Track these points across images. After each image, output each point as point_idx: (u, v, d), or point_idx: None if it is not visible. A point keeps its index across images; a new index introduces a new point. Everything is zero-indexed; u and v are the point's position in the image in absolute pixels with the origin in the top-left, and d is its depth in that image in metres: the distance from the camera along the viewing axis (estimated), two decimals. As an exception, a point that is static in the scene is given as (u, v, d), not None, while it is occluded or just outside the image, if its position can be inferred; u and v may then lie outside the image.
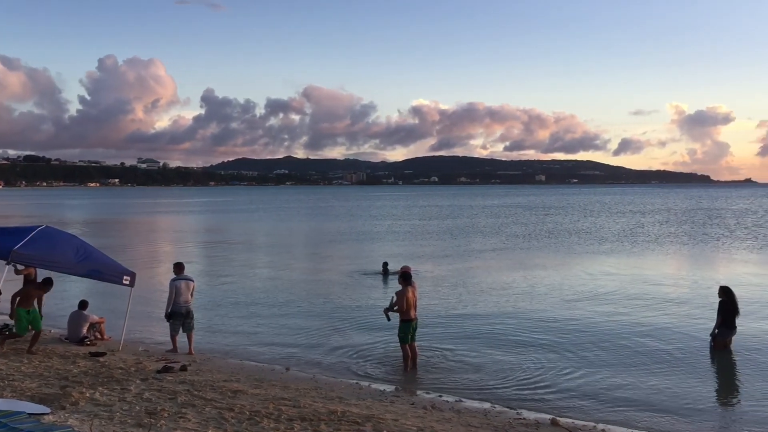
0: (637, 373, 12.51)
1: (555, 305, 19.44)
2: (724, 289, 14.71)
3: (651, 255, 34.20)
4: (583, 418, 10.22)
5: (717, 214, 75.44)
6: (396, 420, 9.11)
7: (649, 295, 21.31)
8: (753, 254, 34.66)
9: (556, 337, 15.31)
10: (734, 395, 11.65)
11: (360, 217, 75.95)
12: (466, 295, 21.51)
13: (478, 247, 38.32)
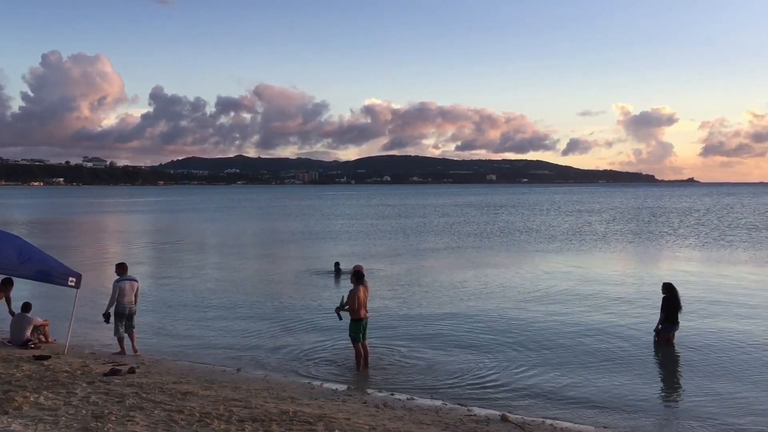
0: (585, 370, 12.73)
1: (506, 305, 19.69)
2: (667, 285, 15.14)
3: (598, 253, 34.96)
4: (532, 415, 10.39)
5: (661, 213, 77.54)
6: (348, 419, 9.13)
7: (597, 293, 21.79)
8: (695, 252, 35.74)
9: (507, 337, 15.49)
10: (677, 391, 11.95)
11: (312, 216, 75.67)
12: (419, 294, 21.64)
13: (431, 246, 38.58)
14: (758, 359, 13.37)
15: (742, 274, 26.50)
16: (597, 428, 9.79)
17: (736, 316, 17.78)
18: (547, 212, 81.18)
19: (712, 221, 61.36)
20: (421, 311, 18.71)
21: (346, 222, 63.91)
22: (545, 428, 9.64)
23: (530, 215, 74.06)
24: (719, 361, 13.25)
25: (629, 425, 9.94)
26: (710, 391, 11.49)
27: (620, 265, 30.56)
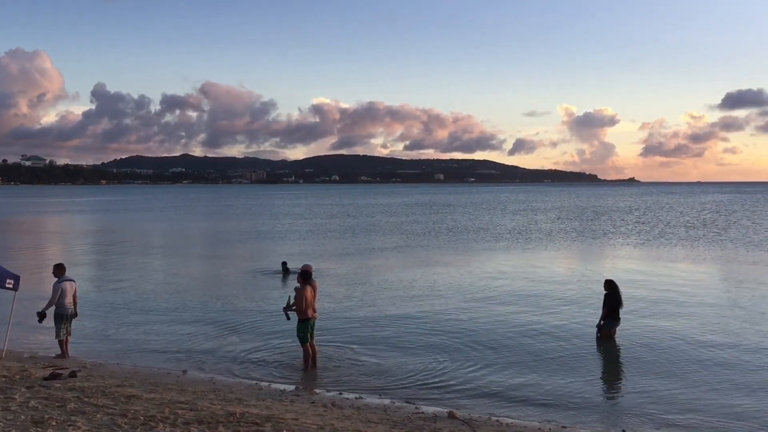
0: (531, 369, 12.89)
1: (454, 305, 19.86)
2: (609, 282, 15.54)
3: (544, 251, 35.62)
4: (479, 412, 10.54)
5: (604, 212, 79.45)
6: (296, 419, 9.10)
7: (542, 292, 22.22)
8: (636, 250, 36.75)
9: (455, 337, 15.62)
10: (619, 388, 12.16)
11: (260, 216, 74.99)
12: (368, 294, 21.69)
13: (380, 245, 38.68)
14: (696, 356, 13.79)
15: (680, 272, 27.36)
16: (541, 423, 9.98)
17: (675, 313, 18.35)
18: (494, 211, 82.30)
19: (651, 220, 63.19)
20: (370, 311, 18.75)
21: (294, 221, 63.55)
22: (491, 424, 9.79)
23: (478, 214, 74.96)
24: (659, 359, 13.63)
25: (572, 421, 10.15)
26: (650, 387, 11.82)
27: (565, 263, 31.21)
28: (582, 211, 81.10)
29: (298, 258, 28.60)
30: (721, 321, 16.99)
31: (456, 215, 73.24)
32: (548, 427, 9.77)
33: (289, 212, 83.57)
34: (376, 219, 66.94)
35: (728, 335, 15.44)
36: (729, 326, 16.36)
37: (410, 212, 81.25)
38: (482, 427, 9.58)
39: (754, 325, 16.64)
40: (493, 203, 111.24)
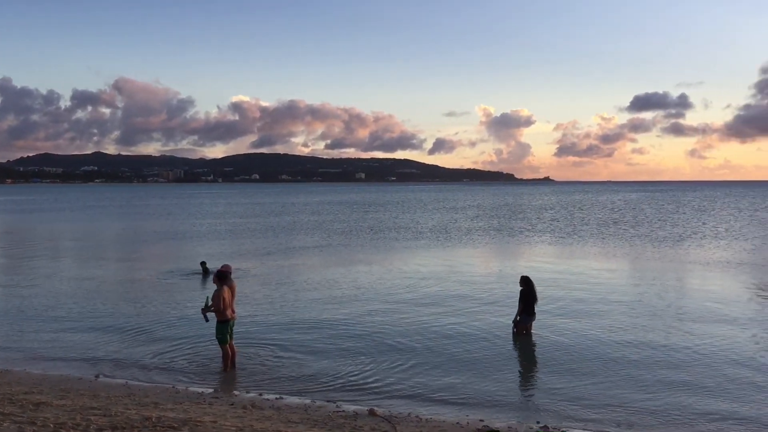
0: (450, 367, 13.01)
1: (376, 304, 19.95)
2: (524, 278, 15.98)
3: (463, 249, 36.27)
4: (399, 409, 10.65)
5: (520, 210, 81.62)
6: (215, 422, 8.95)
7: (461, 288, 22.63)
8: (551, 246, 37.92)
9: (376, 337, 15.67)
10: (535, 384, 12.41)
11: (178, 216, 73.20)
12: (290, 294, 21.54)
13: (301, 245, 38.46)
14: (606, 351, 14.30)
15: (592, 268, 28.39)
16: (459, 418, 10.16)
17: (587, 309, 19.03)
18: (414, 210, 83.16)
19: (565, 218, 65.33)
20: (292, 311, 18.62)
21: (213, 221, 62.34)
22: (411, 420, 9.91)
23: (399, 213, 75.58)
24: (572, 355, 14.06)
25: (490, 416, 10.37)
26: (564, 383, 12.20)
27: (484, 261, 31.87)
28: (499, 210, 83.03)
29: (217, 258, 28.10)
30: (631, 316, 17.71)
31: (377, 214, 73.62)
32: (466, 421, 9.97)
33: (209, 212, 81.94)
34: (297, 218, 66.50)
35: (636, 330, 16.07)
36: (637, 321, 17.06)
37: (332, 211, 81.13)
38: (402, 423, 9.69)
39: (660, 319, 17.45)
40: (414, 202, 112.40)
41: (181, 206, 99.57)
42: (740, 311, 18.27)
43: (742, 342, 14.72)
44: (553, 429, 9.67)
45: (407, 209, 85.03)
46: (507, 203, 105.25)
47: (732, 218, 63.12)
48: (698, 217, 64.40)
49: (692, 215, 68.38)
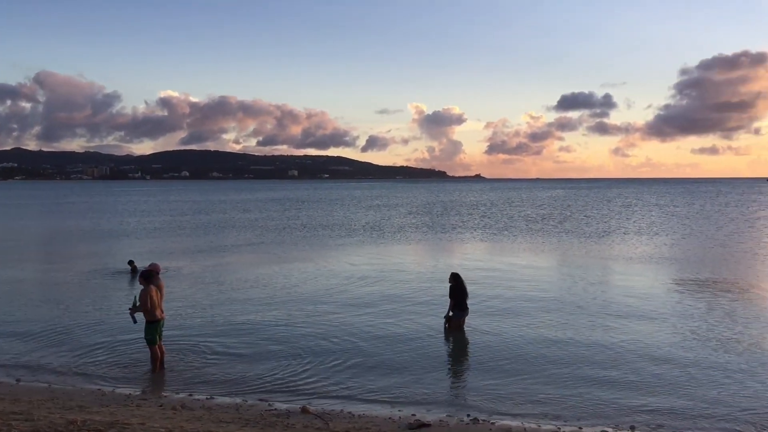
0: (382, 366, 13.03)
1: (309, 302, 19.88)
2: (453, 275, 16.21)
3: (396, 246, 36.51)
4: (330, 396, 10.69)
5: (452, 207, 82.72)
6: (143, 423, 8.75)
7: (394, 285, 22.78)
8: (482, 243, 38.59)
9: (309, 336, 15.62)
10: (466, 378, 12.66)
11: (104, 213, 71.02)
12: (221, 293, 21.22)
13: (233, 243, 37.93)
14: (535, 344, 14.72)
15: (521, 263, 29.05)
16: (391, 413, 10.24)
17: (516, 304, 19.48)
18: (348, 207, 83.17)
19: (496, 214, 66.59)
20: (223, 310, 18.34)
21: (141, 219, 60.75)
22: (344, 416, 9.94)
23: (332, 210, 75.45)
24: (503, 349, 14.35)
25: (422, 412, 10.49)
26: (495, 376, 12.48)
27: (416, 258, 32.16)
28: (432, 207, 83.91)
29: (146, 257, 27.44)
30: (558, 311, 18.16)
31: (310, 211, 73.29)
32: (398, 415, 10.07)
33: (136, 209, 79.79)
34: (229, 216, 65.51)
35: (563, 326, 16.50)
36: (564, 316, 17.52)
37: (264, 208, 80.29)
38: (335, 419, 9.71)
39: (586, 313, 18.01)
40: (348, 199, 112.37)
41: (107, 204, 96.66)
42: (660, 306, 19.02)
43: (661, 337, 15.33)
44: (482, 421, 9.87)
45: (340, 206, 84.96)
46: (439, 200, 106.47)
47: (653, 214, 65.61)
48: (622, 214, 66.67)
49: (616, 211, 70.74)
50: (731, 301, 19.61)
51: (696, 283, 22.79)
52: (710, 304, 18.95)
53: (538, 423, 9.85)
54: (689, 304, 19.10)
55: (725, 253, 32.53)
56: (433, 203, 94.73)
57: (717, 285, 22.46)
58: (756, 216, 63.63)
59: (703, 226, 49.72)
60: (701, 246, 35.98)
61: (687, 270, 26.44)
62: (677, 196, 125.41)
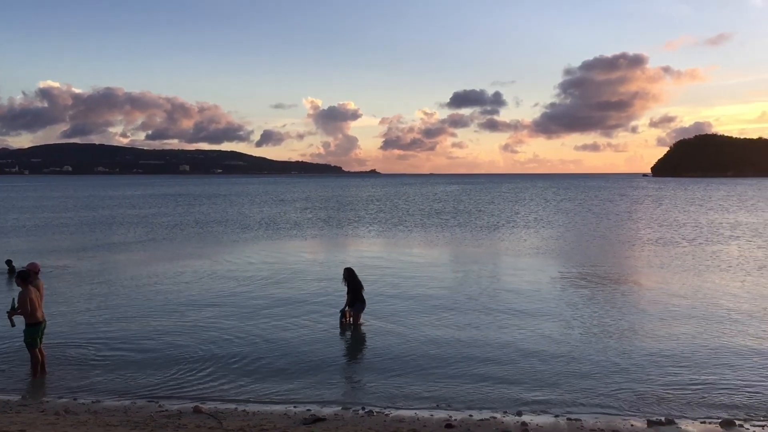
0: (278, 364, 12.84)
1: (201, 300, 19.45)
2: (348, 270, 16.26)
3: (292, 241, 36.28)
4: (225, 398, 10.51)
5: (348, 202, 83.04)
6: (23, 431, 8.32)
7: (290, 281, 22.65)
8: (378, 237, 38.99)
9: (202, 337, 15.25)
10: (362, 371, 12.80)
11: (-23, 211, 66.44)
12: (108, 293, 20.37)
13: (121, 240, 36.48)
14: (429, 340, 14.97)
15: (416, 256, 29.60)
16: (286, 409, 10.21)
17: (411, 295, 19.84)
18: (242, 203, 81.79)
19: (391, 209, 67.44)
20: (110, 311, 17.60)
21: (20, 216, 57.26)
22: (238, 414, 9.81)
23: (226, 206, 73.97)
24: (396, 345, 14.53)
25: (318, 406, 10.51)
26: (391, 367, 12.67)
27: (311, 253, 32.05)
28: (328, 202, 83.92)
29: (26, 255, 25.95)
30: (452, 306, 18.54)
31: (204, 207, 71.55)
32: (294, 411, 10.05)
33: (14, 206, 75.13)
34: (116, 212, 62.88)
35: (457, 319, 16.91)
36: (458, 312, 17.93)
37: (154, 204, 77.64)
38: (229, 417, 9.57)
39: (476, 303, 18.60)
40: (242, 195, 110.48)
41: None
42: (546, 297, 19.91)
43: (548, 327, 16.04)
44: (377, 413, 10.01)
45: (235, 202, 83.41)
46: (335, 195, 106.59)
47: (540, 208, 68.44)
48: (511, 208, 69.15)
49: (506, 206, 73.30)
50: (612, 290, 20.80)
51: (579, 274, 23.97)
52: (592, 293, 20.02)
53: (431, 413, 10.09)
54: (573, 293, 20.10)
55: (606, 245, 34.43)
56: (329, 198, 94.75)
57: (598, 275, 23.73)
58: (633, 209, 67.66)
59: (586, 220, 52.37)
60: (584, 238, 37.89)
61: (571, 261, 27.77)
62: (562, 190, 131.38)
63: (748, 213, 59.66)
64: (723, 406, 10.41)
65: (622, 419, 9.83)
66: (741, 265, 25.70)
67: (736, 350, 13.47)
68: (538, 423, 9.61)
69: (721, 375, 11.81)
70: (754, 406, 10.35)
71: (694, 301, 18.64)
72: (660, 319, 16.24)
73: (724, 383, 11.38)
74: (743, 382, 11.41)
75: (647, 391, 11.00)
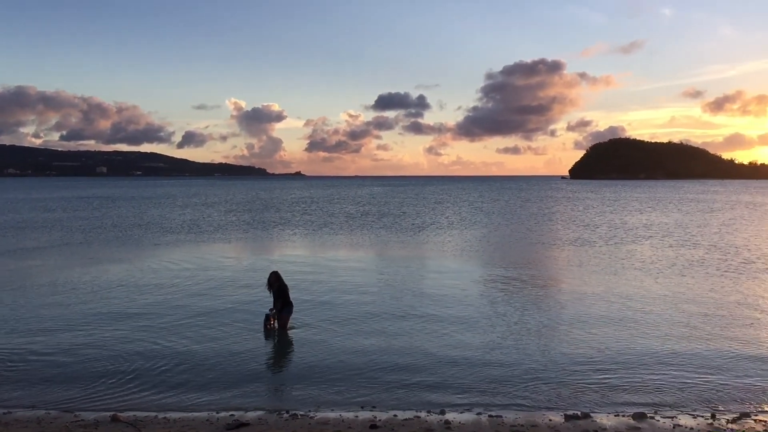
0: (202, 371, 12.63)
1: (119, 307, 18.86)
2: (275, 274, 16.06)
3: (215, 244, 35.62)
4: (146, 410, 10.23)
5: (272, 204, 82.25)
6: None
7: (212, 284, 22.26)
8: (303, 239, 38.77)
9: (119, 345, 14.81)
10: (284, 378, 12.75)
11: None
12: (18, 299, 19.49)
13: (33, 245, 34.95)
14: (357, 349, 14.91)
15: (342, 258, 29.61)
16: (209, 416, 10.03)
17: (339, 297, 19.83)
18: (164, 205, 79.77)
19: (317, 211, 67.21)
20: (21, 320, 16.82)
21: None
22: (158, 422, 9.58)
23: (146, 209, 71.97)
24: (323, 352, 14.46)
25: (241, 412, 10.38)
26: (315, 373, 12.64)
27: (236, 254, 31.56)
28: (252, 204, 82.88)
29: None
30: (376, 304, 18.73)
31: (122, 210, 69.39)
32: (217, 417, 9.89)
33: None
34: (28, 215, 60.19)
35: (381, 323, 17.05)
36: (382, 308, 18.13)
37: (70, 207, 74.76)
38: (149, 425, 9.34)
39: (401, 302, 18.79)
40: (163, 197, 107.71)
41: None
42: (469, 297, 20.32)
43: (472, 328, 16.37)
44: (301, 416, 9.97)
45: (155, 205, 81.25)
46: (260, 198, 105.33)
47: (464, 210, 69.64)
48: (435, 209, 70.07)
49: (430, 207, 74.22)
50: (533, 290, 21.41)
51: (502, 275, 24.55)
52: (514, 293, 20.55)
53: (355, 414, 10.12)
54: (495, 294, 20.57)
55: (527, 245, 35.36)
56: (253, 201, 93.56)
57: (520, 275, 24.35)
58: (552, 210, 69.73)
59: (508, 221, 53.64)
60: (506, 239, 38.81)
61: (494, 262, 28.40)
62: (485, 192, 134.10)
63: (660, 214, 62.46)
64: (634, 399, 10.88)
65: (541, 414, 10.14)
66: (654, 264, 26.89)
67: (647, 346, 14.10)
68: (460, 421, 9.80)
69: (633, 370, 12.35)
70: (662, 399, 10.87)
71: (610, 299, 19.38)
72: (577, 318, 16.82)
73: (636, 378, 11.91)
74: (652, 377, 11.96)
75: (565, 387, 11.39)
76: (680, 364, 12.69)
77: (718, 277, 23.44)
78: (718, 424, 9.73)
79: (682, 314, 17.22)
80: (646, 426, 9.61)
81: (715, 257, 28.92)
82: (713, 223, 50.18)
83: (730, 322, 16.40)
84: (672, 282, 22.48)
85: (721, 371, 12.27)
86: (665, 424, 9.72)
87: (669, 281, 22.63)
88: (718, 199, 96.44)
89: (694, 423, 9.76)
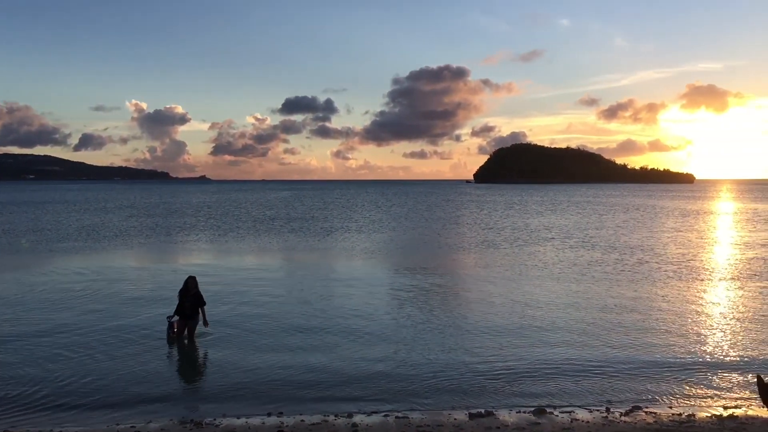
0: (104, 379, 12.25)
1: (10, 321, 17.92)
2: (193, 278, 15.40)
3: (116, 251, 34.30)
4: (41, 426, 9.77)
5: (176, 209, 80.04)
6: None
7: (112, 291, 21.47)
8: (209, 245, 37.95)
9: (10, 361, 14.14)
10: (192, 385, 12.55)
11: None
12: None
13: None
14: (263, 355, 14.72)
15: (249, 263, 29.21)
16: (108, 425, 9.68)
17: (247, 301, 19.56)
18: (59, 211, 76.11)
19: (222, 216, 65.92)
20: None
21: None
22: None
23: (40, 214, 68.45)
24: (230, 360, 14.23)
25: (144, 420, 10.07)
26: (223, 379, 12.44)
27: (138, 261, 30.55)
28: (155, 209, 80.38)
29: None
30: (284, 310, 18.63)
31: (12, 216, 65.67)
32: (117, 429, 9.54)
33: None
34: None
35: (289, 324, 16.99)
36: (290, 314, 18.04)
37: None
38: (43, 441, 8.91)
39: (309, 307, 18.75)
40: (59, 202, 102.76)
41: None
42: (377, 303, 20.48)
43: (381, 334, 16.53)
44: (206, 424, 9.77)
45: (50, 210, 77.38)
46: (163, 202, 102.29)
47: (372, 214, 70.09)
48: (344, 213, 70.18)
49: (338, 211, 74.27)
50: (440, 291, 21.85)
51: (409, 278, 24.90)
52: (421, 295, 20.90)
53: (262, 420, 10.02)
54: (403, 296, 20.83)
55: (434, 248, 36.01)
56: (156, 205, 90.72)
57: (428, 277, 24.76)
58: (459, 214, 71.28)
59: (415, 224, 54.41)
60: (413, 242, 39.39)
61: (402, 265, 28.77)
62: (392, 196, 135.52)
63: (560, 216, 64.97)
64: (535, 396, 11.29)
65: (446, 414, 10.35)
66: (555, 265, 27.92)
67: (547, 348, 14.64)
68: (368, 423, 9.86)
69: (534, 370, 12.78)
70: (560, 396, 11.33)
71: (513, 302, 19.98)
72: (481, 321, 17.24)
73: (536, 377, 12.36)
74: (551, 376, 12.45)
75: (468, 388, 11.68)
76: (577, 363, 13.25)
77: (615, 276, 24.60)
78: (612, 417, 10.24)
79: (581, 315, 17.98)
80: (546, 421, 9.99)
81: (612, 258, 30.32)
82: (609, 224, 52.64)
83: (626, 322, 17.25)
84: (572, 283, 23.38)
85: (616, 369, 12.89)
86: (563, 418, 10.13)
87: (569, 283, 23.51)
88: (612, 202, 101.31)
89: (590, 417, 10.23)
